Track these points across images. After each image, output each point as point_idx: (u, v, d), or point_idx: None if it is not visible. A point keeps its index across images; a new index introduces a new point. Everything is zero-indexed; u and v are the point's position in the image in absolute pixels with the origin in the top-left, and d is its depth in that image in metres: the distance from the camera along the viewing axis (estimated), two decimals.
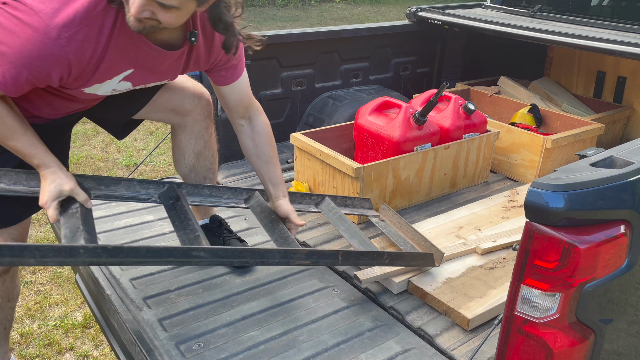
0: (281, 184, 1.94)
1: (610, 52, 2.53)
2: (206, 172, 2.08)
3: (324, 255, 1.74)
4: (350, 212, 2.19)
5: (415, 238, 2.06)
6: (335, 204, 2.11)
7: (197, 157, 2.04)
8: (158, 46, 1.54)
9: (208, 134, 2.05)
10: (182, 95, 1.94)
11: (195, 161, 2.04)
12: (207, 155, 2.07)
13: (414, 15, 3.41)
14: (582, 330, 1.20)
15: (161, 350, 1.61)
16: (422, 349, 1.66)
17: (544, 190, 1.11)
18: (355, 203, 2.22)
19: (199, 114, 1.99)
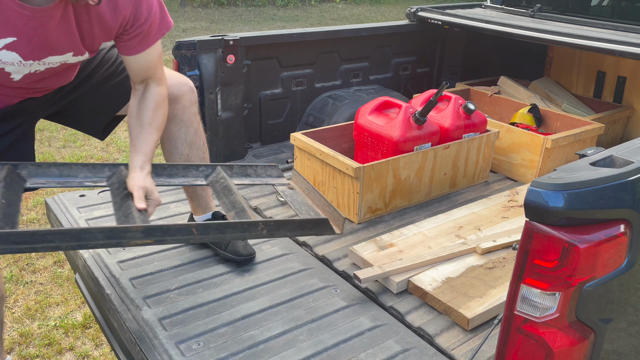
0: (143, 154, 1.69)
1: (610, 52, 2.53)
2: (200, 162, 2.05)
3: (170, 232, 1.41)
4: (252, 182, 1.96)
5: (321, 204, 1.89)
6: (232, 173, 1.91)
7: (190, 146, 2.01)
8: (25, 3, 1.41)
9: (197, 121, 2.02)
10: (168, 81, 1.89)
11: (189, 151, 2.01)
12: (199, 144, 2.04)
13: (414, 15, 3.41)
14: (582, 330, 1.20)
15: (161, 349, 1.61)
16: (422, 349, 1.66)
17: (543, 189, 1.11)
18: (259, 172, 1.98)
19: (187, 100, 1.96)
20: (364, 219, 2.36)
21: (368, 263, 1.98)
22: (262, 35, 2.86)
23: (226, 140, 2.85)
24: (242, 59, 2.79)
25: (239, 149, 2.92)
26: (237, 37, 2.74)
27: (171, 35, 9.53)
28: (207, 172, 1.88)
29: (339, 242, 2.20)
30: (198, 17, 11.43)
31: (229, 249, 2.04)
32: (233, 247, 2.05)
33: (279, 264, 2.06)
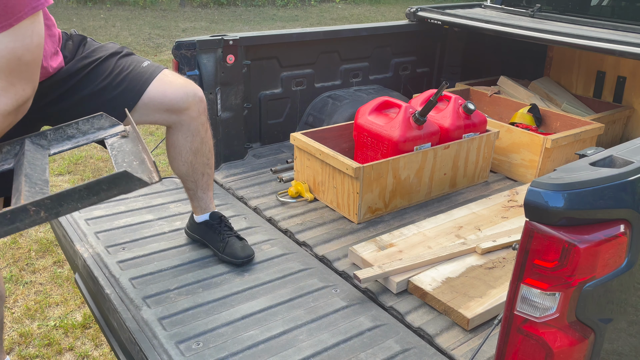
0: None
1: (610, 52, 2.53)
2: (203, 168, 2.06)
3: None
4: (77, 143, 1.66)
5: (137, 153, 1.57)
6: (49, 141, 1.61)
7: (195, 154, 2.01)
8: None
9: (204, 129, 2.01)
10: (175, 93, 1.88)
11: (192, 158, 2.02)
12: (204, 152, 2.04)
13: (413, 15, 3.41)
14: (581, 330, 1.20)
15: (161, 349, 1.61)
16: (422, 349, 1.66)
17: (543, 189, 1.11)
18: (84, 128, 1.67)
19: (195, 110, 1.95)
20: (363, 219, 2.36)
21: (368, 263, 1.98)
22: (262, 35, 2.86)
23: (226, 140, 2.85)
24: (241, 59, 2.79)
25: (238, 149, 2.92)
26: (237, 37, 2.74)
27: (171, 35, 9.53)
28: (15, 151, 1.57)
29: (339, 242, 2.20)
30: (198, 17, 11.43)
31: (226, 252, 2.05)
32: (230, 249, 2.05)
33: (278, 264, 2.06)
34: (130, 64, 1.90)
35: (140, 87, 1.84)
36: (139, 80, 1.85)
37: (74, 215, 2.32)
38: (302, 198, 2.55)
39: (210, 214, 2.13)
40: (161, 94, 1.87)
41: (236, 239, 2.08)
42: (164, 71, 1.91)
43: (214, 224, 2.10)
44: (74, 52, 1.86)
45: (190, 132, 1.97)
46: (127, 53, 1.95)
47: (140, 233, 2.23)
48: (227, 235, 2.08)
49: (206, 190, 2.10)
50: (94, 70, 1.84)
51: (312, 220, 2.37)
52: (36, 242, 3.39)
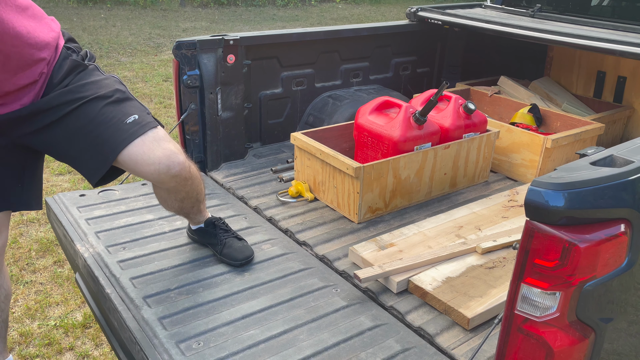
0: None
1: (611, 52, 2.53)
2: (193, 204, 1.98)
3: None
4: None
5: None
6: None
7: (181, 201, 1.94)
8: None
9: (188, 186, 1.86)
10: (147, 168, 1.70)
11: (179, 204, 1.95)
12: (192, 197, 1.93)
13: (414, 15, 3.41)
14: (582, 329, 1.20)
15: (161, 348, 1.61)
16: (422, 348, 1.66)
17: (544, 189, 1.11)
18: None
19: (170, 183, 1.78)
20: (364, 219, 2.36)
21: (368, 263, 1.98)
22: (262, 35, 2.86)
23: (226, 140, 2.85)
24: (242, 59, 2.79)
25: (239, 149, 2.93)
26: (237, 36, 2.74)
27: (171, 35, 9.53)
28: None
29: (339, 242, 2.20)
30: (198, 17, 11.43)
31: (224, 253, 2.05)
32: (228, 250, 2.04)
33: (279, 264, 2.06)
34: (114, 116, 1.71)
35: (114, 147, 1.68)
36: (115, 139, 1.68)
37: (75, 215, 2.33)
38: (303, 198, 2.55)
39: (204, 222, 2.12)
40: (133, 163, 1.70)
41: (234, 240, 2.08)
42: (147, 135, 1.71)
43: (209, 230, 2.10)
44: (63, 78, 1.72)
45: (172, 192, 1.87)
46: (117, 99, 1.75)
47: (140, 233, 2.23)
48: (223, 237, 2.07)
49: (197, 213, 2.07)
50: (73, 112, 1.69)
51: (312, 220, 2.38)
52: (36, 241, 3.39)
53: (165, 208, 2.01)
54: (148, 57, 8.02)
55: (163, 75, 7.04)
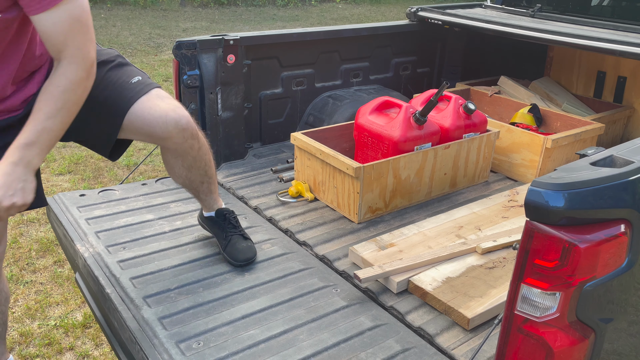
0: (24, 138, 1.49)
1: (611, 52, 2.53)
2: (201, 178, 2.00)
3: None
4: None
5: None
6: None
7: (188, 169, 1.95)
8: None
9: (195, 149, 1.89)
10: (154, 121, 1.73)
11: (187, 172, 1.96)
12: (199, 166, 1.95)
13: (414, 15, 3.41)
14: (582, 330, 1.20)
15: (161, 348, 1.61)
16: (422, 348, 1.66)
17: (544, 189, 1.11)
18: None
19: (178, 138, 1.80)
20: (364, 219, 2.36)
21: (368, 263, 1.98)
22: (262, 35, 2.86)
23: (226, 140, 2.85)
24: (242, 59, 2.79)
25: (239, 149, 2.93)
26: (238, 36, 2.74)
27: (171, 35, 9.53)
28: None
29: (339, 242, 2.20)
30: (198, 16, 11.43)
31: (227, 251, 2.05)
32: (231, 249, 2.04)
33: (279, 264, 2.06)
34: (119, 78, 1.75)
35: (122, 107, 1.71)
36: (122, 99, 1.72)
37: (75, 215, 2.33)
38: (303, 198, 2.55)
39: (216, 211, 2.12)
40: (140, 120, 1.73)
41: (240, 238, 2.07)
42: (151, 92, 1.75)
43: (219, 221, 2.10)
44: None
45: (179, 154, 1.88)
46: (120, 63, 1.80)
47: (140, 232, 2.23)
48: (230, 233, 2.07)
49: (208, 194, 2.08)
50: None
51: (312, 220, 2.38)
52: (36, 241, 3.39)
53: (173, 179, 2.00)
54: (148, 57, 8.02)
55: (163, 75, 7.04)
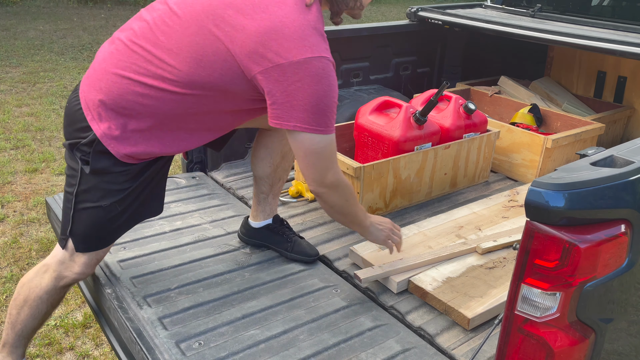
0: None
1: (611, 52, 2.53)
2: (282, 174, 2.08)
3: None
4: None
5: None
6: None
7: (283, 157, 2.03)
8: None
9: None
10: None
11: (280, 161, 2.04)
12: (290, 158, 2.06)
13: (414, 15, 3.41)
14: (582, 330, 1.20)
15: (161, 348, 1.61)
16: (423, 349, 1.66)
17: (544, 189, 1.11)
18: None
19: None
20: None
21: (368, 263, 1.98)
22: None
23: None
24: None
25: (239, 149, 2.92)
26: None
27: None
28: None
29: (339, 242, 2.20)
30: None
31: (295, 250, 2.08)
32: (300, 247, 2.08)
33: (279, 264, 2.06)
34: None
35: None
36: None
37: None
38: (303, 197, 2.55)
39: (273, 218, 2.14)
40: None
41: (299, 238, 2.11)
42: None
43: (277, 227, 2.12)
44: None
45: (284, 136, 1.95)
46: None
47: (140, 232, 2.23)
48: (291, 234, 2.11)
49: (276, 196, 2.13)
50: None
51: (312, 219, 2.37)
52: (37, 241, 3.39)
53: (259, 169, 2.07)
54: None
55: None
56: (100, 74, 1.62)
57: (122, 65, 1.59)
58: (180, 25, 1.56)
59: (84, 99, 1.64)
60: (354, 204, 1.77)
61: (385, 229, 1.89)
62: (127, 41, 1.61)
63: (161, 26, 1.58)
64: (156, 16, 1.61)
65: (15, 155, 4.56)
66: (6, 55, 7.58)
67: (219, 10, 1.53)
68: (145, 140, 1.64)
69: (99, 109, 1.61)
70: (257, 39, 1.48)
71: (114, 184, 1.67)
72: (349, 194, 1.73)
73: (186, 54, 1.54)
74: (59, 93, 6.21)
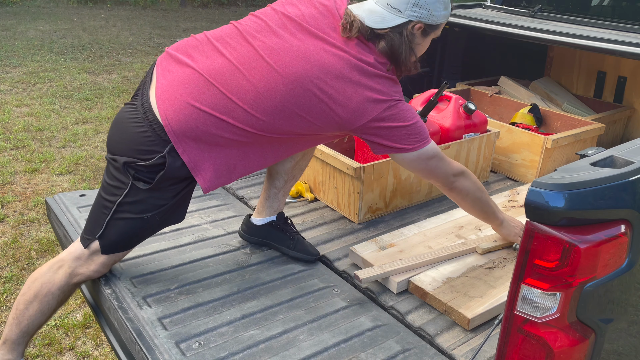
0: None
1: (611, 52, 2.53)
2: (298, 172, 2.13)
3: None
4: None
5: None
6: None
7: (304, 154, 2.08)
8: None
9: None
10: None
11: (300, 158, 2.08)
12: (309, 157, 2.12)
13: None
14: (582, 330, 1.20)
15: (161, 348, 1.61)
16: (423, 349, 1.66)
17: (544, 189, 1.11)
18: None
19: None
20: (364, 219, 2.36)
21: (368, 263, 1.98)
22: None
23: None
24: None
25: None
26: None
27: (171, 35, 9.53)
28: None
29: (339, 242, 2.20)
30: (198, 16, 11.43)
31: (297, 249, 2.08)
32: (302, 246, 2.08)
33: (279, 264, 2.06)
34: None
35: None
36: None
37: (75, 215, 2.32)
38: (303, 198, 2.55)
39: (277, 215, 2.15)
40: None
41: (301, 237, 2.12)
42: None
43: (280, 224, 2.13)
44: None
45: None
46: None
47: None
48: (294, 233, 2.12)
49: (286, 194, 2.15)
50: None
51: (312, 220, 2.37)
52: (37, 241, 3.39)
53: (276, 170, 2.10)
54: (148, 57, 8.03)
55: None
56: (176, 102, 1.68)
57: (201, 100, 1.68)
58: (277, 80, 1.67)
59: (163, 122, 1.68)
60: (484, 191, 1.93)
61: (517, 227, 2.04)
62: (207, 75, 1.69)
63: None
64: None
65: (15, 155, 4.56)
66: (6, 55, 7.58)
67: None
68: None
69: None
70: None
71: (162, 199, 1.75)
72: (477, 182, 1.90)
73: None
74: (59, 93, 6.21)
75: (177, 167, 1.70)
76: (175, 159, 1.69)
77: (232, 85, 1.65)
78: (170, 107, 1.66)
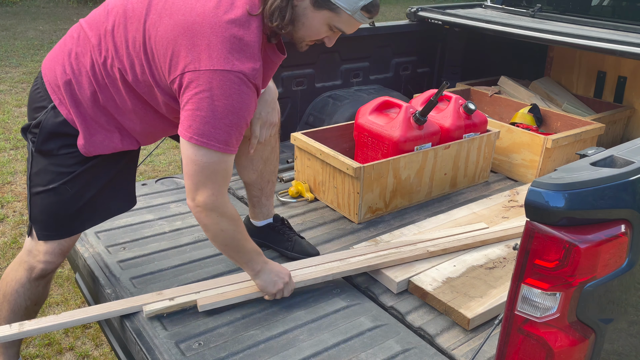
0: None
1: (611, 52, 2.52)
2: (270, 176, 2.08)
3: None
4: None
5: None
6: None
7: (265, 162, 2.03)
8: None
9: (275, 139, 2.02)
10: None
11: (262, 167, 2.03)
12: (273, 160, 2.06)
13: (414, 15, 3.41)
14: (582, 330, 1.20)
15: (161, 348, 1.61)
16: (423, 349, 1.66)
17: (544, 189, 1.10)
18: None
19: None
20: (364, 219, 2.36)
21: None
22: None
23: None
24: None
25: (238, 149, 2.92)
26: None
27: None
28: None
29: (339, 242, 2.20)
30: None
31: (296, 249, 2.07)
32: (300, 246, 2.08)
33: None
34: None
35: None
36: None
37: None
38: (303, 198, 2.55)
39: (274, 216, 2.15)
40: None
41: (300, 238, 2.11)
42: None
43: (277, 226, 2.12)
44: None
45: (262, 143, 1.95)
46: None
47: (140, 233, 2.23)
48: (291, 234, 2.11)
49: (269, 197, 2.13)
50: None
51: (312, 220, 2.37)
52: None
53: (244, 176, 2.05)
54: None
55: None
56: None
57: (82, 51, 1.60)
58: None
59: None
60: (236, 238, 1.65)
61: (279, 282, 1.76)
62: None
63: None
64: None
65: (15, 155, 4.56)
66: (6, 55, 7.58)
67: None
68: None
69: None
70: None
71: (63, 166, 1.66)
72: (227, 224, 1.60)
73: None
74: None
75: (58, 123, 1.61)
76: (57, 114, 1.61)
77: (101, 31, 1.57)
78: (52, 58, 1.63)
